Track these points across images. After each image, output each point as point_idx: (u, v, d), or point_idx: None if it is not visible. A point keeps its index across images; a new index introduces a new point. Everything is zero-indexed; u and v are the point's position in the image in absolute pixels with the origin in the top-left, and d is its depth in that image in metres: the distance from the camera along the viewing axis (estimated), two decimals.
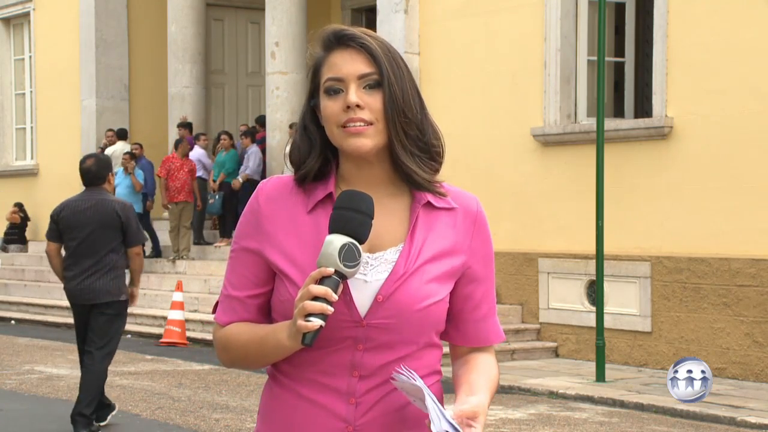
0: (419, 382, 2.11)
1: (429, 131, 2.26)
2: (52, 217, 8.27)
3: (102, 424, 8.42)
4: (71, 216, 8.15)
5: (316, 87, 2.26)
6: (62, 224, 8.18)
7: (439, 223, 2.27)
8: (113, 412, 8.59)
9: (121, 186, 16.86)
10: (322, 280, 2.09)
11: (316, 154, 2.26)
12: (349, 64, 2.21)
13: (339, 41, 2.24)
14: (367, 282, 2.20)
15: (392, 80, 2.20)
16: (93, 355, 8.09)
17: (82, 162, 8.35)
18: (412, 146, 2.23)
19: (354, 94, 2.18)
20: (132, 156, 17.09)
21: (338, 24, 2.30)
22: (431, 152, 2.27)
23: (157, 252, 17.42)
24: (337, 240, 2.10)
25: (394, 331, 2.20)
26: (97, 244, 8.10)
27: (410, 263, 2.21)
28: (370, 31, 2.27)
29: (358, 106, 2.18)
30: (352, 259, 2.10)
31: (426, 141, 2.25)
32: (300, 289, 2.11)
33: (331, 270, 2.08)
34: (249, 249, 2.28)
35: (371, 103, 2.19)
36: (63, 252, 8.37)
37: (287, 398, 2.27)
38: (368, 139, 2.19)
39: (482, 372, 2.31)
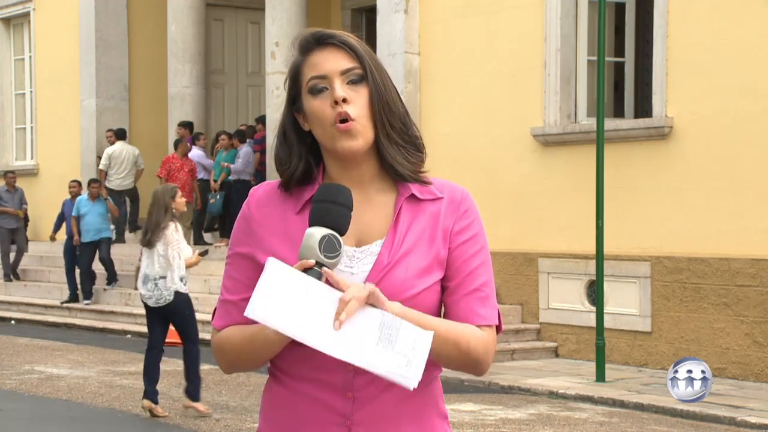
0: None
1: (411, 124, 2.30)
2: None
3: None
4: None
5: (298, 92, 2.28)
6: None
7: (424, 213, 2.28)
8: None
9: (91, 214, 16.29)
10: (304, 272, 2.11)
11: (297, 160, 2.29)
12: (330, 61, 2.23)
13: (318, 42, 2.26)
14: (354, 274, 2.22)
15: (375, 74, 2.25)
16: None
17: None
18: (398, 138, 2.27)
19: (340, 89, 2.21)
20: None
21: (317, 28, 2.33)
22: (416, 144, 2.30)
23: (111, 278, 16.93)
24: (317, 232, 2.12)
25: None
26: None
27: (393, 254, 2.23)
28: (345, 32, 2.30)
29: (344, 100, 2.20)
30: (332, 250, 2.12)
31: (410, 134, 2.29)
32: None
33: (312, 262, 2.11)
34: (241, 254, 2.33)
35: (356, 98, 2.22)
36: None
37: (286, 395, 2.29)
38: (359, 139, 2.21)
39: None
